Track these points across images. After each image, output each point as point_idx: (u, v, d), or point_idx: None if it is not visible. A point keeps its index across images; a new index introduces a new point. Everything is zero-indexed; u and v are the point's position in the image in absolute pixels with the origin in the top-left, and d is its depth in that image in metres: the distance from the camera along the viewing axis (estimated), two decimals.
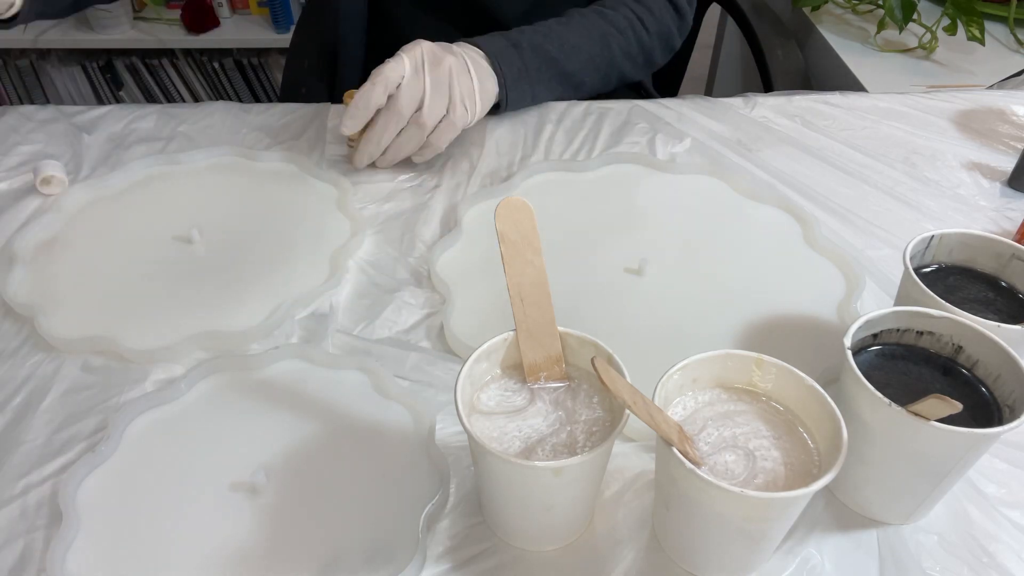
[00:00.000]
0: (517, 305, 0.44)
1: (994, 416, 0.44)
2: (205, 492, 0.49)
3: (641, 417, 0.38)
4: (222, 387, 0.55)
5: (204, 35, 1.95)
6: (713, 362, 0.44)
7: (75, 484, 0.49)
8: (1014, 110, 0.88)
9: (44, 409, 0.54)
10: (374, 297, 0.63)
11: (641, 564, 0.45)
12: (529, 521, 0.45)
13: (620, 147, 0.80)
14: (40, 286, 0.63)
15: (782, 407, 0.44)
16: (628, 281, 0.64)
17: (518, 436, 0.43)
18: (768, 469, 0.41)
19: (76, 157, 0.78)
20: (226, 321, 0.60)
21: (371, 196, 0.73)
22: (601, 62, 0.85)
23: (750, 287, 0.63)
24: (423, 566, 0.45)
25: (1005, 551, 0.46)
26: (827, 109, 0.87)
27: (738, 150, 0.80)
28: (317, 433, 0.52)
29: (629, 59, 0.87)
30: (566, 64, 0.82)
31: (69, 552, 0.45)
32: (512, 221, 0.43)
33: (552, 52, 0.81)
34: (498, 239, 0.43)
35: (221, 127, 0.83)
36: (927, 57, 1.17)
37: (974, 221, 0.72)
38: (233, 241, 0.68)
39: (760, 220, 0.71)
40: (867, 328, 0.47)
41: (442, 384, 0.55)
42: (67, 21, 1.99)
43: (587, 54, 0.84)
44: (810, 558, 0.46)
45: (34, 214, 0.71)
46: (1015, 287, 0.53)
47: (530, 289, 0.44)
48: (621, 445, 0.51)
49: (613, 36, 0.85)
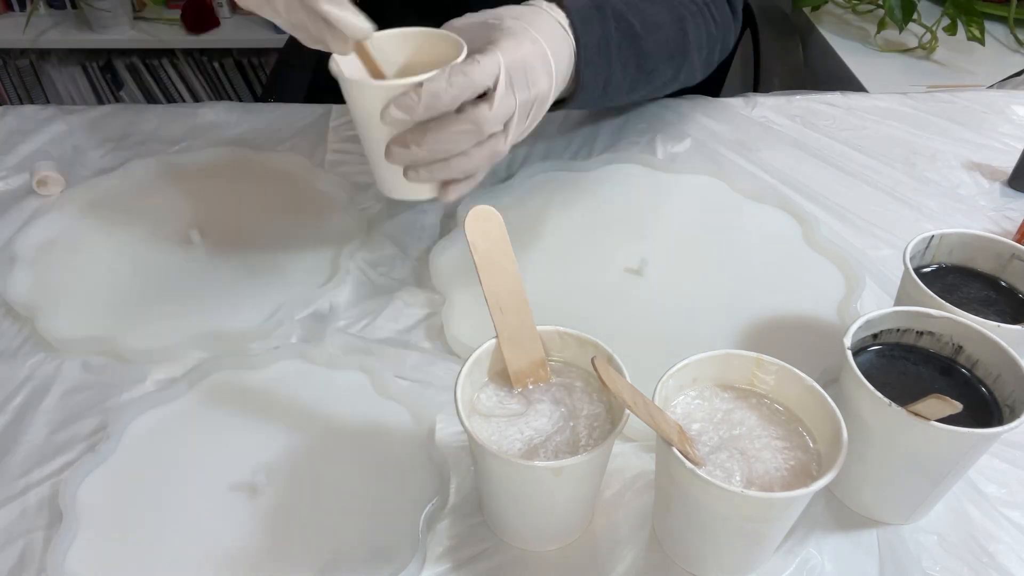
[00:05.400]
0: (496, 314, 0.44)
1: (994, 416, 0.44)
2: (205, 492, 0.49)
3: (641, 417, 0.38)
4: (222, 387, 0.55)
5: (204, 35, 1.95)
6: (713, 362, 0.44)
7: (75, 484, 0.48)
8: (1014, 110, 0.88)
9: (44, 409, 0.54)
10: (374, 297, 0.63)
11: (641, 564, 0.45)
12: (529, 521, 0.45)
13: (620, 147, 0.80)
14: (40, 286, 0.63)
15: (782, 407, 0.44)
16: (628, 281, 0.64)
17: (519, 438, 0.43)
18: (768, 469, 0.41)
19: (76, 157, 0.78)
20: (226, 321, 0.60)
21: (371, 196, 0.73)
22: (676, 49, 0.69)
23: (750, 287, 0.63)
24: (423, 566, 0.45)
25: (1005, 551, 0.46)
26: (827, 109, 0.87)
27: (738, 150, 0.80)
28: (317, 433, 0.52)
29: (699, 53, 0.72)
30: (646, 42, 0.65)
31: (69, 552, 0.45)
32: (481, 231, 0.42)
33: (635, 25, 0.63)
34: (470, 250, 0.42)
35: (221, 127, 0.83)
36: (927, 57, 1.17)
37: (974, 221, 0.71)
38: (233, 241, 0.68)
39: (760, 220, 0.71)
40: (867, 328, 0.47)
41: (442, 384, 0.55)
42: (67, 21, 1.99)
43: (665, 36, 0.67)
44: (810, 558, 0.46)
45: (34, 214, 0.71)
46: (1015, 287, 0.53)
47: (507, 297, 0.44)
48: (621, 445, 0.51)
49: (689, 20, 0.69)
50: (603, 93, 0.64)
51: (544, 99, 0.54)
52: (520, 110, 0.52)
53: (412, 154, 0.50)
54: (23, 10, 2.02)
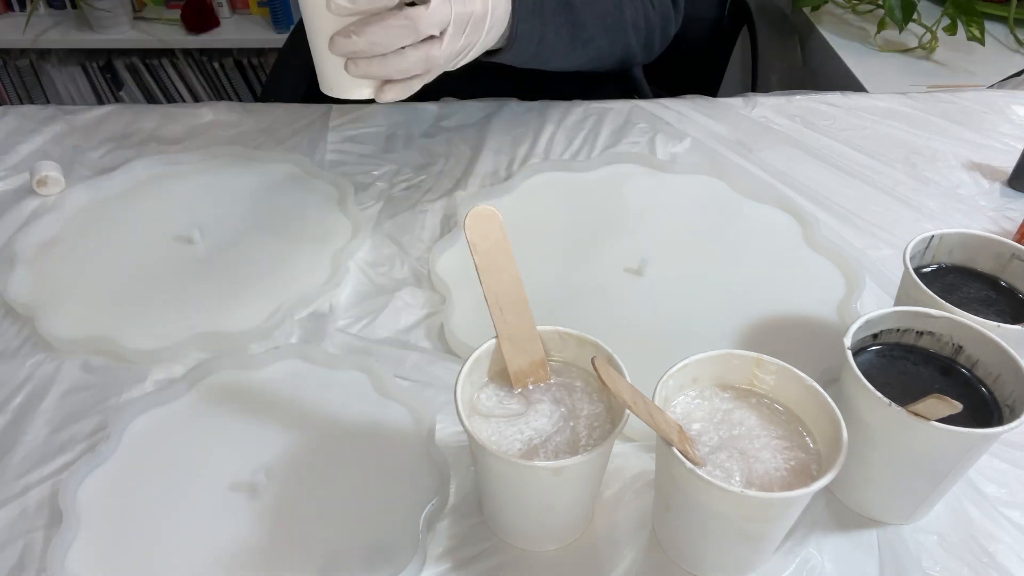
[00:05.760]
0: (497, 314, 0.44)
1: (994, 416, 0.44)
2: (205, 492, 0.49)
3: (641, 417, 0.38)
4: (222, 387, 0.55)
5: (204, 35, 1.95)
6: (713, 362, 0.44)
7: (75, 484, 0.48)
8: (1014, 110, 0.88)
9: (44, 409, 0.54)
10: (374, 297, 0.63)
11: (641, 564, 0.45)
12: (529, 521, 0.45)
13: (620, 147, 0.80)
14: (40, 286, 0.63)
15: (782, 407, 0.44)
16: (628, 281, 0.64)
17: (519, 439, 0.43)
18: (768, 469, 0.41)
19: (76, 157, 0.78)
20: (226, 321, 0.60)
21: (371, 196, 0.73)
22: (612, 23, 0.78)
23: (750, 287, 0.63)
24: (423, 566, 0.45)
25: (1005, 551, 0.46)
26: (827, 109, 0.87)
27: (738, 150, 0.80)
28: (317, 433, 0.52)
29: (636, 32, 0.81)
30: (581, 12, 0.74)
31: (69, 552, 0.45)
32: (481, 231, 0.42)
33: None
34: (470, 250, 0.42)
35: (221, 127, 0.83)
36: (927, 57, 1.17)
37: (974, 221, 0.71)
38: (233, 241, 0.68)
39: (760, 220, 0.71)
40: (867, 328, 0.47)
41: (442, 384, 0.55)
42: (67, 21, 1.99)
43: (601, 9, 0.76)
44: (810, 558, 0.46)
45: (34, 214, 0.71)
46: (1015, 287, 0.53)
47: (507, 297, 0.44)
48: (621, 445, 0.51)
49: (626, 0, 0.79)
50: (536, 52, 0.71)
51: (479, 21, 0.58)
52: (456, 21, 0.56)
53: (353, 43, 0.54)
54: (23, 10, 2.02)
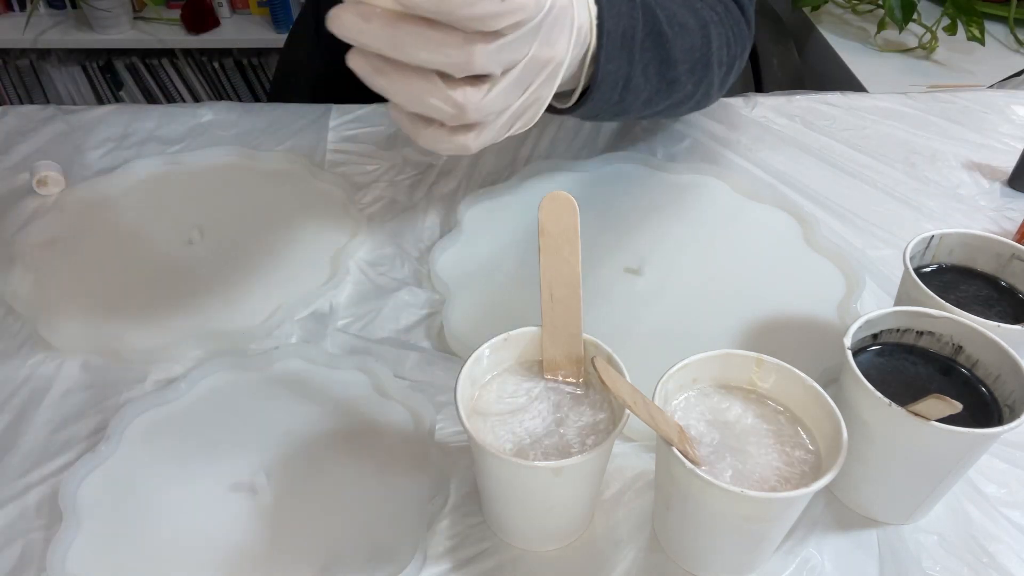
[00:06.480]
0: (546, 299, 0.43)
1: (994, 416, 0.44)
2: (205, 492, 0.49)
3: (641, 417, 0.38)
4: (222, 387, 0.55)
5: (204, 35, 1.95)
6: (713, 362, 0.44)
7: (75, 484, 0.49)
8: (1014, 110, 0.88)
9: (44, 409, 0.54)
10: (374, 297, 0.63)
11: (641, 564, 0.45)
12: (529, 521, 0.45)
13: (620, 147, 0.80)
14: (40, 286, 0.63)
15: (782, 407, 0.44)
16: (628, 281, 0.64)
17: (519, 438, 0.43)
18: (768, 469, 0.41)
19: (76, 157, 0.78)
20: (226, 321, 0.60)
21: (371, 196, 0.73)
22: (700, 58, 0.58)
23: (750, 287, 0.63)
24: (423, 566, 0.45)
25: (1005, 551, 0.46)
26: (827, 109, 0.87)
27: (738, 150, 0.80)
28: (317, 433, 0.52)
29: (719, 67, 0.62)
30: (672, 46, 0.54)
31: (69, 552, 0.45)
32: (555, 216, 0.42)
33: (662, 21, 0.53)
34: (538, 231, 0.42)
35: (221, 127, 0.83)
36: (927, 57, 1.17)
37: (974, 221, 0.71)
38: (234, 241, 0.68)
39: (760, 220, 0.71)
40: (867, 328, 0.47)
41: (442, 384, 0.55)
42: (67, 21, 1.99)
43: (691, 41, 0.57)
44: (810, 558, 0.46)
45: (34, 214, 0.71)
46: (1015, 287, 0.52)
47: (562, 288, 0.43)
48: (621, 445, 0.51)
49: (714, 26, 0.59)
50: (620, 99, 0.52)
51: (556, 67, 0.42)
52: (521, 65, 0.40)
53: None
54: (23, 10, 2.02)
